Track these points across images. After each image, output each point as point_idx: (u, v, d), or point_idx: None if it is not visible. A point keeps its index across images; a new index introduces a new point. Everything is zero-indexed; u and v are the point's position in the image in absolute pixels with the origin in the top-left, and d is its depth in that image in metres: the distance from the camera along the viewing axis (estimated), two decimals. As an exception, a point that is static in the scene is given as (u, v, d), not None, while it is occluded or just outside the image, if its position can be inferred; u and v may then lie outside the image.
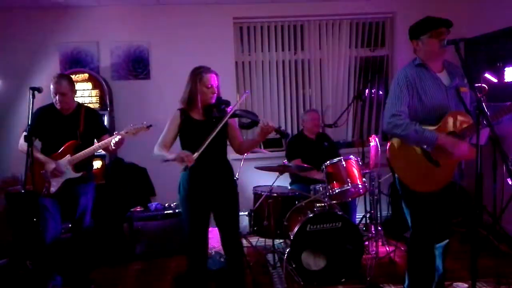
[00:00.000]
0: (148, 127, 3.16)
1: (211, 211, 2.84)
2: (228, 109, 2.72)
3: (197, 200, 2.75)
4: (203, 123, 2.74)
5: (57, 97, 3.16)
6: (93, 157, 3.42)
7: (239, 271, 2.89)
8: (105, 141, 3.16)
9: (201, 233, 2.80)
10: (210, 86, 2.73)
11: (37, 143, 3.23)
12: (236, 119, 2.88)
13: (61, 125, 3.22)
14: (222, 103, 2.76)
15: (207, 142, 2.58)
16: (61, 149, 3.18)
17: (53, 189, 3.16)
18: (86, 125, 3.28)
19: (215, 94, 2.76)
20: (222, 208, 2.81)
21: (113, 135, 3.11)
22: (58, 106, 3.20)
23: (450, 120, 2.52)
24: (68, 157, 3.17)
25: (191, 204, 2.76)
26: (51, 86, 3.16)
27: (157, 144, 2.73)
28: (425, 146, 2.49)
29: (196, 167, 2.63)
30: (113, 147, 3.12)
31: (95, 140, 3.34)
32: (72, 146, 3.20)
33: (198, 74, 2.75)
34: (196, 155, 2.53)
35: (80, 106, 3.36)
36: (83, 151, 3.19)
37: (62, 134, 3.20)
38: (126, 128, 3.16)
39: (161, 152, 2.68)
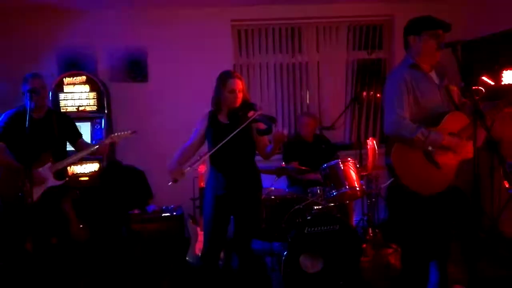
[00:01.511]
0: (132, 133, 3.20)
1: (233, 214, 2.89)
2: (250, 114, 2.73)
3: (221, 203, 2.82)
4: (228, 126, 2.77)
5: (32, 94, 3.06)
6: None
7: (250, 271, 2.97)
8: (89, 149, 3.17)
9: (219, 233, 2.86)
10: (232, 90, 2.78)
11: (5, 149, 3.14)
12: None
13: (33, 130, 3.05)
14: (246, 107, 2.78)
15: (216, 148, 2.64)
16: (41, 157, 3.09)
17: (34, 197, 3.01)
18: (60, 129, 3.23)
19: (239, 98, 2.81)
20: (243, 214, 2.86)
21: (96, 141, 3.12)
22: (33, 104, 3.05)
23: (449, 122, 2.52)
24: (49, 164, 3.11)
25: (214, 205, 2.83)
26: (26, 84, 3.09)
27: (181, 148, 2.85)
28: (430, 148, 2.48)
29: (223, 170, 2.77)
30: (96, 153, 3.16)
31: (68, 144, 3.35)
32: (50, 152, 3.14)
33: (222, 79, 2.83)
34: (187, 170, 2.64)
35: (51, 110, 3.31)
36: (66, 160, 3.16)
37: (35, 139, 3.05)
38: (109, 137, 3.21)
39: (175, 157, 2.80)
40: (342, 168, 3.62)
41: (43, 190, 3.10)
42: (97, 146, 3.14)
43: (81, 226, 3.46)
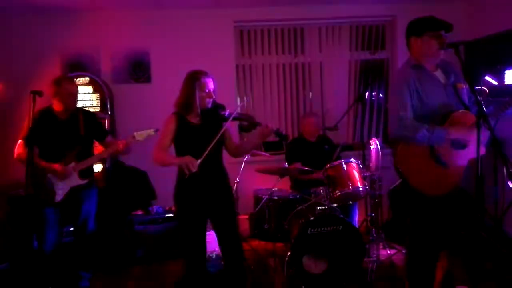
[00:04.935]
0: (156, 131, 3.14)
1: (208, 217, 2.82)
2: (226, 113, 2.72)
3: (194, 206, 2.73)
4: (200, 127, 2.73)
5: (68, 98, 3.15)
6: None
7: (240, 275, 2.85)
8: (111, 148, 3.17)
9: (199, 238, 2.77)
10: (208, 90, 2.72)
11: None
12: (233, 123, 2.88)
13: (60, 130, 3.16)
14: (218, 107, 2.75)
15: (209, 148, 2.56)
16: (65, 156, 3.12)
17: (58, 198, 3.11)
18: (86, 129, 3.25)
19: (212, 99, 2.75)
20: (219, 214, 2.80)
21: (118, 139, 3.12)
22: (67, 107, 3.16)
23: (455, 120, 2.51)
24: (73, 164, 3.13)
25: (188, 209, 2.74)
26: (62, 87, 3.13)
27: (157, 149, 2.69)
28: (436, 144, 2.47)
29: (196, 172, 2.63)
30: (120, 153, 3.13)
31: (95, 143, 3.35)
32: (75, 152, 3.15)
33: (195, 78, 2.72)
34: (199, 161, 2.50)
35: (78, 109, 3.32)
36: (89, 158, 3.17)
37: (61, 140, 3.14)
38: (135, 134, 3.15)
39: (164, 156, 2.67)
40: (345, 168, 3.62)
41: (68, 190, 3.14)
42: (120, 145, 3.12)
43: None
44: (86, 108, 4.45)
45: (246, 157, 4.07)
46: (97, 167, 4.36)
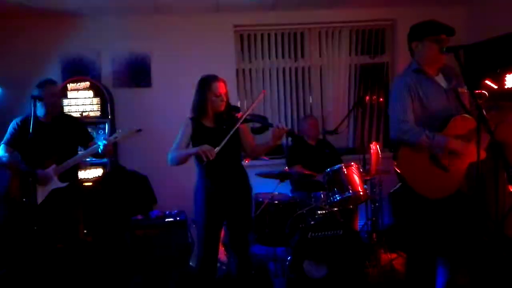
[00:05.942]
0: (138, 131, 3.14)
1: (225, 216, 2.89)
2: (239, 115, 2.77)
3: (213, 206, 2.80)
4: (215, 130, 2.79)
5: (53, 101, 3.15)
6: (77, 166, 3.37)
7: (246, 272, 2.94)
8: (90, 149, 3.15)
9: (215, 238, 2.86)
10: (219, 94, 2.78)
11: (16, 155, 3.17)
12: (248, 124, 2.90)
13: (42, 134, 3.13)
14: (232, 110, 2.81)
15: (226, 139, 2.61)
16: (45, 162, 3.10)
17: (39, 200, 3.08)
18: (69, 133, 3.24)
19: (224, 102, 2.81)
20: (236, 214, 2.87)
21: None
22: (49, 110, 3.15)
23: (456, 125, 2.51)
24: (53, 166, 3.12)
25: (207, 209, 2.81)
26: (48, 91, 3.13)
27: (173, 150, 2.79)
28: (436, 151, 2.47)
29: (212, 173, 2.73)
30: (101, 154, 3.10)
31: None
32: (56, 157, 3.14)
33: (206, 83, 2.79)
34: (217, 149, 2.57)
35: (62, 114, 3.32)
36: (68, 161, 3.14)
37: (44, 144, 3.12)
38: (115, 134, 3.14)
39: (180, 151, 2.75)
40: (345, 172, 3.61)
41: (48, 193, 3.11)
42: (100, 147, 3.08)
43: (85, 231, 3.46)
44: (86, 112, 4.48)
45: (246, 161, 4.06)
46: (97, 171, 4.36)
